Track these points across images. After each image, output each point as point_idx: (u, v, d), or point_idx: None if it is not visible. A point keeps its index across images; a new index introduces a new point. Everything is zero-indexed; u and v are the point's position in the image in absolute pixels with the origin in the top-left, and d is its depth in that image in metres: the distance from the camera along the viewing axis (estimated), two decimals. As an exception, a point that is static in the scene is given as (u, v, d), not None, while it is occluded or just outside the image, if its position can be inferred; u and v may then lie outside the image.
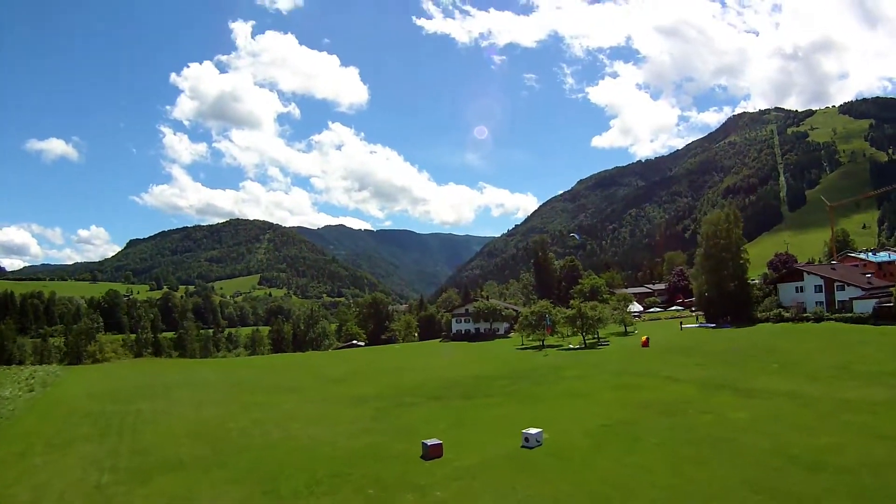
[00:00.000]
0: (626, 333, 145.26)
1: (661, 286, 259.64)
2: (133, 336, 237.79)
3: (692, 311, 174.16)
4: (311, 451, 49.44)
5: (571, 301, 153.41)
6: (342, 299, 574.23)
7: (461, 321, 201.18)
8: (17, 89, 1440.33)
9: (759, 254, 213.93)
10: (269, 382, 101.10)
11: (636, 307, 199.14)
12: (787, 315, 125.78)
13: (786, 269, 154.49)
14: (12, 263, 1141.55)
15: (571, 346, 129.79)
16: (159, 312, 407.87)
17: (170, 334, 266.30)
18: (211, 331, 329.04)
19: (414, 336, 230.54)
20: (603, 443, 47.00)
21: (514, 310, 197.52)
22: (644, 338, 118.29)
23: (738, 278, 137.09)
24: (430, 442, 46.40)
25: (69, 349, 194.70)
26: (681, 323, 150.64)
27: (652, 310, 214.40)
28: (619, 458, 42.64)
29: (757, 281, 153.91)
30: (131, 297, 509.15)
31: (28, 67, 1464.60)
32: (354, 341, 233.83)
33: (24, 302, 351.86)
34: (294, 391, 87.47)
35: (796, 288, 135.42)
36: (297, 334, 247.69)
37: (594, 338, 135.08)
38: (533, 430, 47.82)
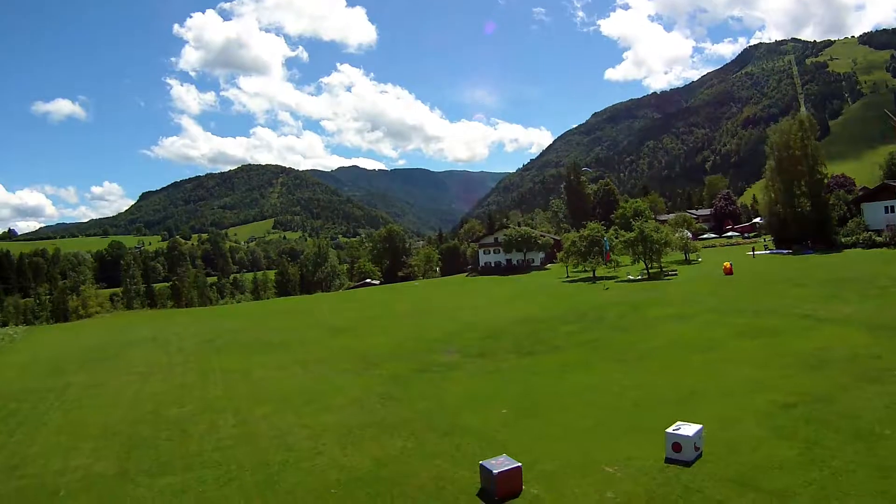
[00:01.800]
0: (688, 262, 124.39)
1: (706, 212, 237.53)
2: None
3: (748, 237, 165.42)
4: (270, 475, 26.02)
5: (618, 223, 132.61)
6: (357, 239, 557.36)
7: (489, 252, 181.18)
8: (18, 52, 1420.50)
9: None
10: (253, 336, 78.54)
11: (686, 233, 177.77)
12: (879, 239, 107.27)
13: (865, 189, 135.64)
14: (28, 225, 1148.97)
15: (631, 276, 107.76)
16: (166, 261, 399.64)
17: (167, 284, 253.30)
18: (215, 277, 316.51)
19: (435, 272, 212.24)
20: (823, 452, 22.61)
21: (553, 237, 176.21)
22: (727, 263, 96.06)
23: (817, 196, 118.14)
24: (496, 467, 21.76)
25: (54, 306, 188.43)
26: (753, 249, 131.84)
27: (705, 236, 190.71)
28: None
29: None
30: (143, 248, 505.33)
31: (27, 29, 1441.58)
32: (368, 280, 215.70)
33: (21, 261, 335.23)
34: (281, 348, 65.78)
35: (887, 208, 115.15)
36: (305, 275, 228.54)
37: (657, 267, 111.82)
38: (686, 429, 23.29)
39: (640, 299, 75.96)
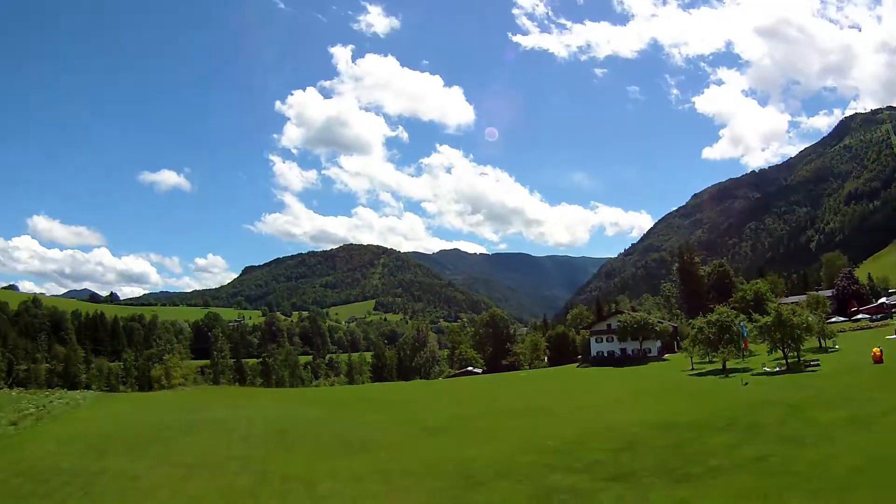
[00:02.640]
0: (823, 349, 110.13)
1: (827, 293, 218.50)
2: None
3: (876, 319, 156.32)
4: None
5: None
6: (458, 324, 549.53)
7: (602, 340, 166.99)
8: (127, 124, 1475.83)
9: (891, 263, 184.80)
10: (333, 431, 66.46)
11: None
12: None
13: None
14: (132, 291, 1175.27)
15: (767, 368, 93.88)
16: (263, 337, 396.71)
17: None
18: (310, 357, 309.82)
19: (542, 361, 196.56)
20: None
21: (672, 325, 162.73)
22: (877, 350, 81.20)
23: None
24: None
25: (139, 374, 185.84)
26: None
27: (833, 320, 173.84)
28: None
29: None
30: (242, 322, 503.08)
31: (132, 102, 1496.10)
32: (470, 368, 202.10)
33: (115, 324, 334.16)
34: (361, 451, 53.54)
35: None
36: (403, 360, 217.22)
37: (794, 356, 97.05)
38: None
39: (794, 397, 62.97)
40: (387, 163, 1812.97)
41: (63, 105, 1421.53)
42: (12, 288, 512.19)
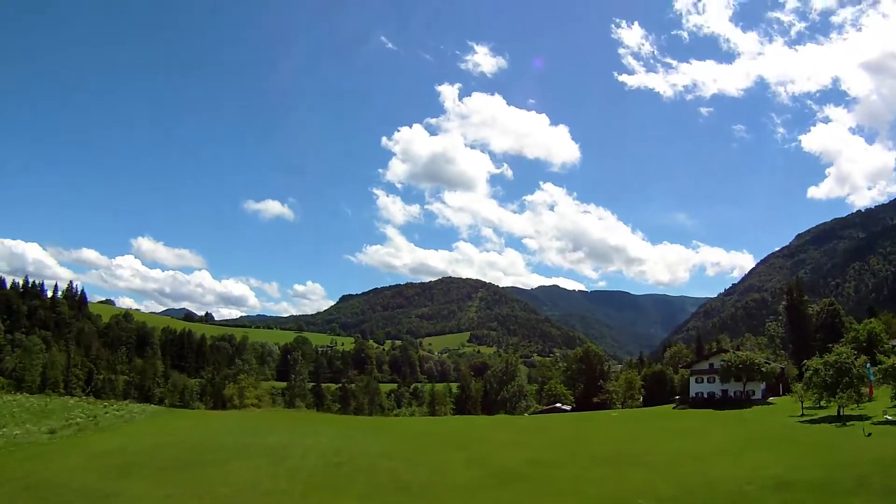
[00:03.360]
0: None
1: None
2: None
3: None
4: None
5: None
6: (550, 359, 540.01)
7: (702, 381, 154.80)
8: (235, 154, 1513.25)
9: None
10: (392, 469, 58.30)
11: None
12: None
13: None
14: (230, 313, 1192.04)
15: (889, 416, 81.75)
16: (352, 363, 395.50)
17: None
18: (395, 385, 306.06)
19: (637, 401, 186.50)
20: None
21: (779, 366, 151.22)
22: None
23: None
24: None
25: (214, 391, 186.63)
26: None
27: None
28: None
29: None
30: (334, 347, 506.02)
31: (243, 135, 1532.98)
32: (558, 404, 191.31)
33: (201, 343, 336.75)
34: (418, 498, 46.79)
35: None
36: (489, 392, 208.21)
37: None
38: None
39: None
40: (490, 199, 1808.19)
41: (175, 131, 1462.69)
42: (108, 302, 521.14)
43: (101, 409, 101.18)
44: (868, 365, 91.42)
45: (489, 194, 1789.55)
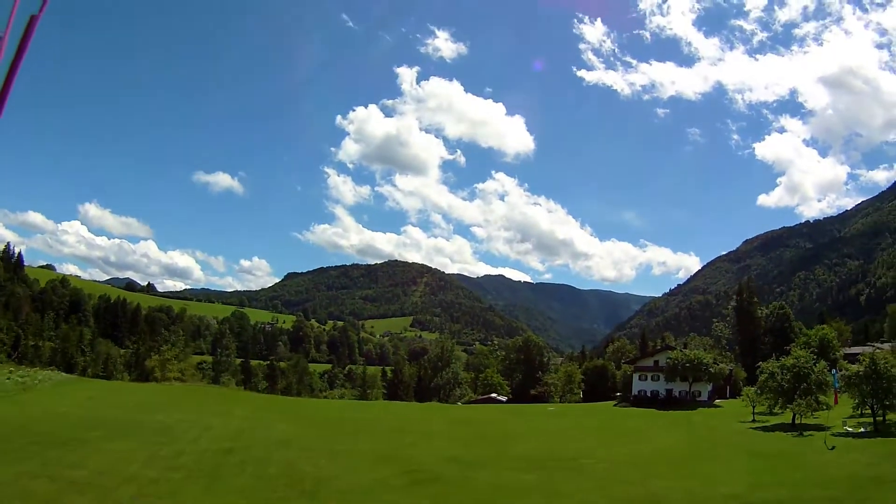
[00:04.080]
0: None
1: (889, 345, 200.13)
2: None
3: None
4: None
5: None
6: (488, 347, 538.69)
7: (646, 378, 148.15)
8: (185, 123, 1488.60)
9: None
10: (289, 460, 51.20)
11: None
12: None
13: None
14: (175, 285, 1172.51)
15: (849, 428, 75.94)
16: (290, 341, 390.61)
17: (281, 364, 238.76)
18: (329, 365, 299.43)
19: (576, 395, 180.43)
20: None
21: (728, 367, 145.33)
22: None
23: None
24: None
25: (137, 362, 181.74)
26: None
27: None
28: None
29: None
30: (275, 325, 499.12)
31: (198, 104, 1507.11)
32: (494, 394, 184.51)
33: (136, 312, 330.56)
34: (308, 498, 39.66)
35: None
36: (423, 378, 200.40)
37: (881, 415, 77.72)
38: None
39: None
40: (441, 185, 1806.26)
41: (127, 99, 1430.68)
42: (49, 267, 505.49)
43: (5, 376, 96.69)
44: (834, 371, 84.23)
45: (440, 180, 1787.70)
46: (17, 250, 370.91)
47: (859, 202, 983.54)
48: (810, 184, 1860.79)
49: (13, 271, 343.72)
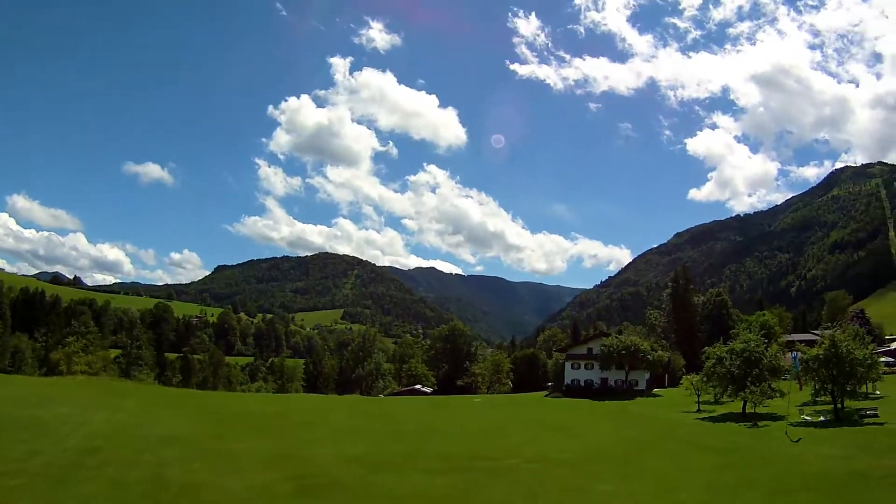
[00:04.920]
0: (864, 394, 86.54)
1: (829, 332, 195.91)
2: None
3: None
4: None
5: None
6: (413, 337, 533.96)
7: (579, 367, 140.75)
8: (114, 113, 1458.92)
9: (878, 311, 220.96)
10: (158, 459, 44.02)
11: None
12: None
13: None
14: (104, 279, 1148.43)
15: (807, 416, 70.95)
16: (213, 333, 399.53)
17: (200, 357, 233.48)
18: (251, 358, 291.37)
19: (506, 385, 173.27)
20: None
21: (667, 355, 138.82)
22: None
23: None
24: None
25: (45, 355, 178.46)
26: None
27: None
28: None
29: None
30: (203, 317, 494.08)
31: (126, 92, 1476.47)
32: (418, 386, 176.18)
33: (54, 305, 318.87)
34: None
35: None
36: (344, 370, 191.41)
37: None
38: None
39: (888, 466, 41.02)
40: (373, 176, 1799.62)
41: (54, 89, 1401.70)
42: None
43: None
44: (794, 354, 76.55)
45: (372, 171, 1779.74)
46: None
47: (789, 197, 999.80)
48: (741, 179, 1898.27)
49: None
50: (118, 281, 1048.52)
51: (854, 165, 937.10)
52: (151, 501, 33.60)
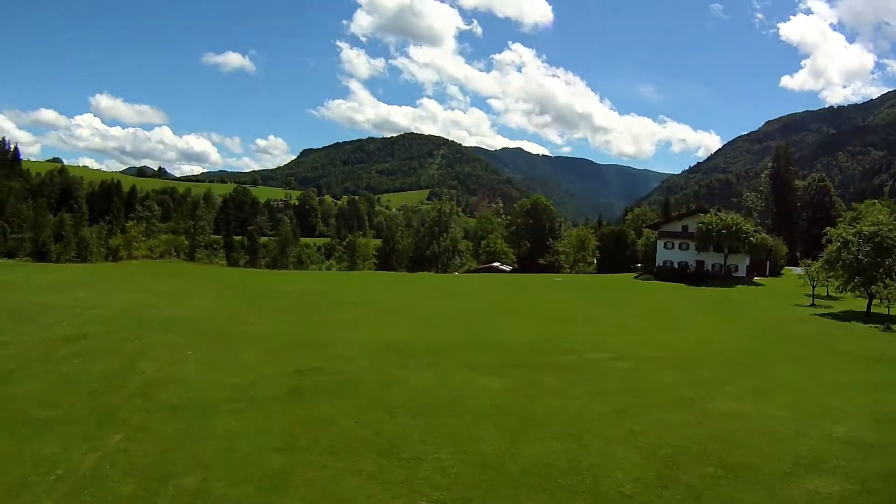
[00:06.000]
0: None
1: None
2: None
3: None
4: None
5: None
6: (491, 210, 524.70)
7: (673, 247, 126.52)
8: (192, 3, 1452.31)
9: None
10: (140, 350, 36.42)
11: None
12: None
13: None
14: (192, 170, 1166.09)
15: None
16: (294, 215, 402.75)
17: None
18: (328, 238, 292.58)
19: (591, 265, 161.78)
20: None
21: (772, 237, 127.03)
22: None
23: None
24: None
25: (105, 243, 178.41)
26: None
27: None
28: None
29: None
30: (288, 201, 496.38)
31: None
32: (497, 263, 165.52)
33: (130, 196, 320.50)
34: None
35: None
36: (419, 246, 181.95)
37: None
38: None
39: None
40: (457, 56, 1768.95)
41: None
42: (56, 160, 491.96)
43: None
44: None
45: (456, 51, 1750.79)
46: (12, 146, 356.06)
47: (885, 92, 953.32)
48: (835, 69, 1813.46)
49: (9, 166, 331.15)
50: (206, 170, 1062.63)
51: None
52: (93, 403, 25.95)
